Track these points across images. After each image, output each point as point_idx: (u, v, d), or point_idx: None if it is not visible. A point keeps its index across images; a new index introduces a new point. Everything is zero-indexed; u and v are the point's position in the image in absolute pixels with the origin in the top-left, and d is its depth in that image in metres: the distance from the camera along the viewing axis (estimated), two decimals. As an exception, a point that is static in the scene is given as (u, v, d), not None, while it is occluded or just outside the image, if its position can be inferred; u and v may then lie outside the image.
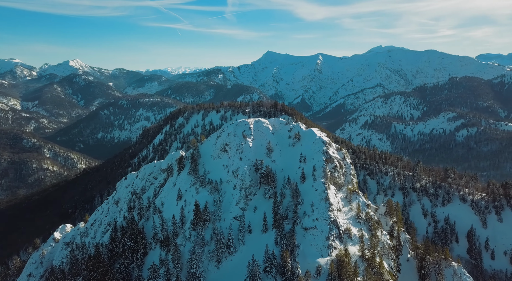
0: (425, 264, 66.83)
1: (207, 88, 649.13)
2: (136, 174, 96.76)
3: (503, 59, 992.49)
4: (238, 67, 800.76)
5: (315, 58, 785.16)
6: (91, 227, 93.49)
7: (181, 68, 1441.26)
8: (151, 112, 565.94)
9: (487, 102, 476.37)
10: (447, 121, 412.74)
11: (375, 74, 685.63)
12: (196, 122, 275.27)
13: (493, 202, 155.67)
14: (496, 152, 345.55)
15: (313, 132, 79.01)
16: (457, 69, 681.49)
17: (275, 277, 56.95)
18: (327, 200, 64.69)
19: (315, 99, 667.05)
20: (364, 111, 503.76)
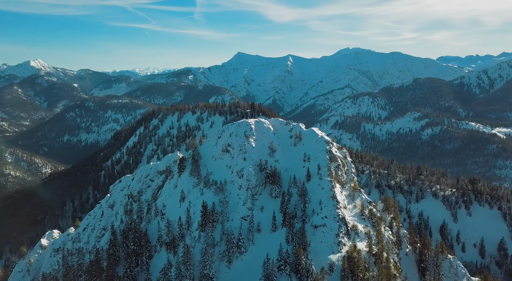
0: (424, 258, 70.52)
1: (177, 89, 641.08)
2: (132, 176, 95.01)
3: (461, 61, 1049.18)
4: (209, 68, 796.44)
5: (285, 59, 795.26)
6: (83, 232, 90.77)
7: (150, 69, 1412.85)
8: (120, 114, 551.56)
9: (448, 102, 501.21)
10: (413, 120, 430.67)
11: (344, 76, 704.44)
12: (171, 123, 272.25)
13: (463, 197, 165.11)
14: (458, 150, 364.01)
15: (314, 132, 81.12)
16: (420, 71, 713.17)
17: (290, 275, 58.22)
18: (335, 198, 66.94)
19: (286, 100, 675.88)
20: (334, 112, 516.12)
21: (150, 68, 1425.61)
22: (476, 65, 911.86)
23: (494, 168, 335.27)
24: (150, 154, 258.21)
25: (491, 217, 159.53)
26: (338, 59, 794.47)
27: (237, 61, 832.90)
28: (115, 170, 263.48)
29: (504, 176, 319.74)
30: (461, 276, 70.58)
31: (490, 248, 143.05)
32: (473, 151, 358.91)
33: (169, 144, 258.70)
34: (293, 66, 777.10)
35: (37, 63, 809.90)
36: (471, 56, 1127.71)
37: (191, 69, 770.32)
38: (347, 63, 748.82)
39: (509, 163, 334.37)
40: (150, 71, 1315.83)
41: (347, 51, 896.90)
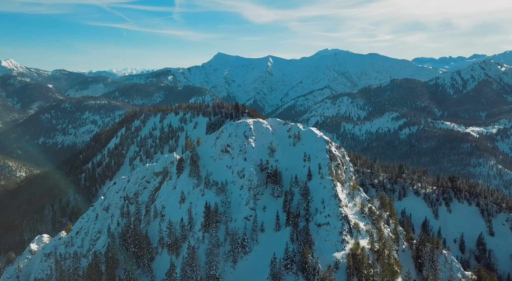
0: (421, 254, 72.73)
1: (157, 89, 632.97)
2: (128, 178, 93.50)
3: (435, 62, 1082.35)
4: (189, 69, 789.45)
5: (266, 60, 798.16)
6: (77, 236, 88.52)
7: (127, 69, 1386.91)
8: (98, 115, 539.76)
9: (424, 102, 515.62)
10: (391, 120, 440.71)
11: (323, 76, 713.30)
12: (153, 124, 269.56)
13: (443, 195, 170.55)
14: (434, 149, 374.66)
15: (312, 132, 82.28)
16: (397, 72, 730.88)
17: (296, 273, 58.90)
18: (337, 196, 68.20)
19: (267, 101, 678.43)
20: (314, 112, 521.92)
21: (128, 69, 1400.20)
22: (450, 66, 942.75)
23: (468, 166, 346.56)
24: (132, 155, 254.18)
25: (470, 213, 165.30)
26: (318, 60, 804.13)
27: (217, 61, 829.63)
28: (96, 172, 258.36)
29: (478, 173, 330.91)
30: (456, 270, 73.41)
31: (470, 244, 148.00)
32: (448, 149, 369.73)
33: (152, 145, 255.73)
34: (273, 67, 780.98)
35: (9, 63, 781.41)
36: (445, 58, 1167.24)
37: (170, 69, 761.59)
38: (326, 64, 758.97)
39: (482, 161, 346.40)
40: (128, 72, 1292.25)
41: (326, 52, 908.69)
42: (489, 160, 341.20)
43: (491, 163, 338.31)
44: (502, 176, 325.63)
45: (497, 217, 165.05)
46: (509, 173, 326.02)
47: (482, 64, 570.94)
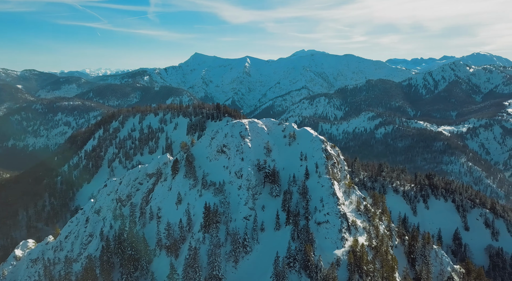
0: (413, 249, 75.10)
1: (133, 90, 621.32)
2: (119, 180, 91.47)
3: (407, 63, 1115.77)
4: (165, 69, 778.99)
5: (243, 60, 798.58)
6: (66, 240, 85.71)
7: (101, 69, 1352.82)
8: (71, 116, 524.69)
9: (398, 102, 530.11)
10: (367, 120, 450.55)
11: (301, 77, 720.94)
12: (132, 125, 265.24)
13: (421, 192, 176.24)
14: (409, 147, 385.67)
15: (307, 131, 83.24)
16: (372, 72, 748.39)
17: (299, 271, 59.49)
18: (335, 195, 69.36)
19: (245, 101, 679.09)
20: (292, 113, 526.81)
21: (102, 69, 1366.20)
22: (421, 67, 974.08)
23: (441, 164, 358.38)
24: (111, 157, 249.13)
25: (446, 210, 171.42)
26: (295, 61, 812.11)
27: (194, 61, 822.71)
28: (73, 175, 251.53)
29: (450, 171, 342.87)
30: (446, 264, 76.31)
31: (447, 239, 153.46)
32: (422, 148, 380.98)
33: (131, 147, 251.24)
34: (251, 68, 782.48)
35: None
36: (416, 59, 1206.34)
37: (146, 69, 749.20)
38: (303, 65, 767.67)
39: (454, 159, 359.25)
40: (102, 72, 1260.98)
41: (303, 53, 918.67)
42: (460, 158, 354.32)
43: (462, 161, 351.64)
44: (472, 173, 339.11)
45: (471, 212, 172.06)
46: (478, 170, 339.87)
47: (452, 66, 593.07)
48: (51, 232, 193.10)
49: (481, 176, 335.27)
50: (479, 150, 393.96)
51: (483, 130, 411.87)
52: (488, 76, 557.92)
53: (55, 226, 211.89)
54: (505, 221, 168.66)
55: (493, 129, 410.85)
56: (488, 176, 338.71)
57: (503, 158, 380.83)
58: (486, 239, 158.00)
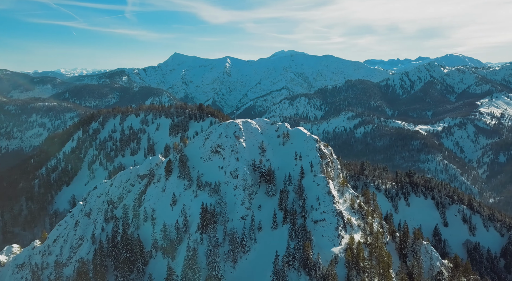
0: (405, 246, 77.00)
1: (111, 91, 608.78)
2: (110, 182, 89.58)
3: (384, 64, 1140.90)
4: (144, 69, 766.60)
5: (223, 61, 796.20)
6: (54, 244, 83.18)
7: (77, 69, 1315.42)
8: (47, 118, 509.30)
9: (377, 102, 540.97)
10: (347, 120, 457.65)
11: (281, 77, 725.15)
12: (113, 127, 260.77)
13: (401, 189, 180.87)
14: (388, 146, 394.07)
15: (301, 131, 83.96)
16: (351, 73, 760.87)
17: (298, 270, 59.97)
18: (330, 193, 70.30)
19: (226, 102, 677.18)
20: (273, 113, 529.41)
21: (77, 69, 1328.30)
22: (398, 68, 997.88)
23: (418, 162, 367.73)
24: (91, 159, 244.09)
25: (426, 206, 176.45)
26: (275, 61, 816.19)
27: (173, 62, 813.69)
28: (51, 178, 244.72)
29: (427, 169, 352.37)
30: (435, 259, 78.73)
31: (427, 235, 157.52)
32: (400, 147, 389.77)
33: (112, 148, 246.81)
34: (231, 68, 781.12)
35: None
36: (393, 60, 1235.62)
37: (124, 70, 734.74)
38: (283, 65, 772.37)
39: (430, 157, 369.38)
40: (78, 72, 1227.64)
41: (283, 53, 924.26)
42: (436, 156, 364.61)
43: (438, 159, 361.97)
44: (448, 170, 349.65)
45: (450, 209, 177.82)
46: (454, 168, 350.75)
47: (427, 66, 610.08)
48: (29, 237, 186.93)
49: (456, 173, 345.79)
50: (454, 148, 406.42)
51: (457, 129, 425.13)
52: (461, 76, 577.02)
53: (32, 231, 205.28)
54: (481, 217, 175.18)
55: (466, 128, 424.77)
56: (463, 174, 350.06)
57: (476, 156, 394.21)
58: (464, 234, 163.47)
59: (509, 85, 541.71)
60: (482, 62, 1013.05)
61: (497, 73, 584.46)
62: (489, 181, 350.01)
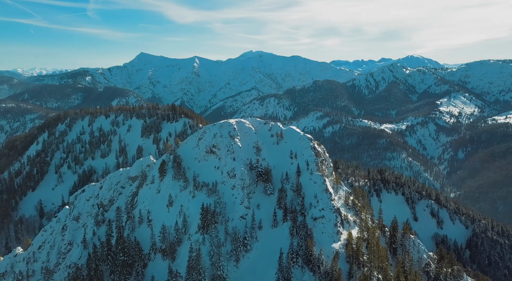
0: (395, 239, 79.87)
1: (74, 91, 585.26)
2: (100, 184, 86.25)
3: (350, 65, 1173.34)
4: (109, 69, 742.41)
5: (192, 61, 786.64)
6: (40, 250, 78.88)
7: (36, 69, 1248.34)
8: (4, 120, 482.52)
9: (344, 102, 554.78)
10: (315, 119, 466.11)
11: (250, 78, 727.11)
12: (81, 128, 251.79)
13: (374, 186, 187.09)
14: (355, 145, 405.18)
15: (294, 130, 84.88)
16: (318, 73, 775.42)
17: (302, 266, 60.73)
18: (328, 191, 71.68)
19: (195, 102, 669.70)
20: (243, 113, 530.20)
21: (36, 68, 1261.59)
22: (362, 69, 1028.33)
23: (385, 160, 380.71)
24: (58, 163, 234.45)
25: (397, 202, 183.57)
26: (244, 61, 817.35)
27: (140, 61, 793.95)
28: (15, 183, 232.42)
29: (393, 166, 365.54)
30: (422, 252, 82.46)
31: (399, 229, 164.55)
32: (367, 145, 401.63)
33: (81, 151, 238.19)
34: (199, 68, 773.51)
35: None
36: (358, 61, 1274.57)
37: (88, 69, 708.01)
38: (252, 66, 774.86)
39: (396, 154, 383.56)
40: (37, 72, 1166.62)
41: (251, 54, 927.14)
42: (401, 154, 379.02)
43: (403, 156, 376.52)
44: (412, 167, 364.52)
45: (419, 204, 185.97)
46: (417, 165, 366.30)
47: (391, 67, 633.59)
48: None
49: (419, 170, 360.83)
50: (417, 146, 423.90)
51: (419, 128, 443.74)
52: (422, 77, 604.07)
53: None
54: (448, 211, 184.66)
55: (428, 126, 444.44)
56: (426, 170, 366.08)
57: (437, 153, 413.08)
58: (432, 228, 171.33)
59: (465, 85, 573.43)
60: (440, 64, 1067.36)
61: (454, 74, 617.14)
62: (450, 177, 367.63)
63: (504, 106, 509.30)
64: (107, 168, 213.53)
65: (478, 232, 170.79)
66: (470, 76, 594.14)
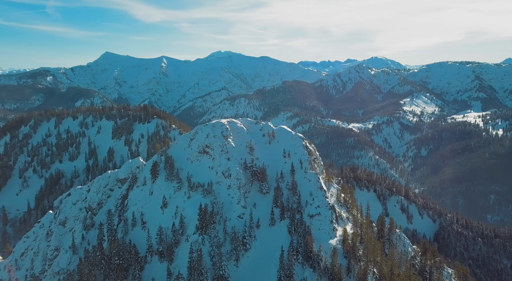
0: (382, 234, 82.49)
1: (34, 92, 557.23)
2: (87, 187, 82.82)
3: (317, 66, 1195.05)
4: (72, 69, 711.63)
5: (159, 60, 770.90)
6: (22, 257, 74.47)
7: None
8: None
9: (312, 102, 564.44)
10: (286, 119, 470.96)
11: (219, 78, 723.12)
12: (47, 131, 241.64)
13: (347, 184, 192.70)
14: (324, 144, 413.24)
15: (285, 130, 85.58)
16: (287, 74, 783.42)
17: (303, 263, 61.48)
18: (322, 188, 72.96)
19: (163, 102, 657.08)
20: (214, 113, 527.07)
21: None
22: (329, 70, 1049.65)
23: (353, 158, 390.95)
24: (23, 167, 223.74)
25: (369, 199, 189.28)
26: (213, 62, 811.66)
27: (105, 61, 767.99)
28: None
29: (361, 164, 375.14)
30: (407, 245, 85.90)
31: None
32: (336, 144, 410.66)
33: (47, 154, 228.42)
34: (167, 68, 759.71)
35: None
36: (324, 62, 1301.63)
37: (49, 69, 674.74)
38: (221, 66, 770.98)
39: (363, 153, 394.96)
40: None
41: (220, 54, 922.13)
42: (368, 152, 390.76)
43: (370, 155, 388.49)
44: (379, 165, 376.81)
45: (390, 200, 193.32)
46: (384, 163, 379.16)
47: (357, 68, 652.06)
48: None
49: (386, 167, 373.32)
50: (383, 144, 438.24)
51: (385, 126, 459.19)
52: (386, 78, 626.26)
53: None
54: (417, 206, 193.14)
55: (393, 125, 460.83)
56: (392, 167, 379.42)
57: (402, 151, 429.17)
58: (403, 223, 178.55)
59: (426, 86, 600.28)
60: (402, 65, 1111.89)
61: (416, 74, 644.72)
62: (414, 174, 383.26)
63: (461, 105, 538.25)
64: (76, 171, 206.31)
65: (445, 225, 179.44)
66: (430, 77, 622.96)
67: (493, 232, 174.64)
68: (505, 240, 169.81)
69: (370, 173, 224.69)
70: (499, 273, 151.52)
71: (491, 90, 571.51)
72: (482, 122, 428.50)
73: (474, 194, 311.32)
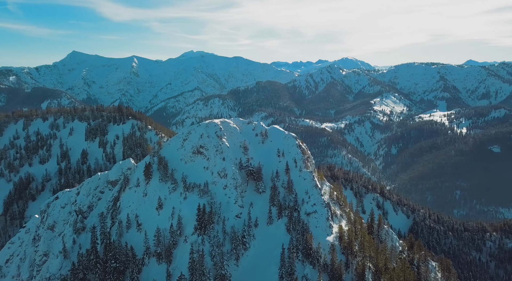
0: (372, 230, 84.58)
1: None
2: (76, 190, 79.61)
3: (289, 66, 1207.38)
4: (37, 68, 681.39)
5: (130, 60, 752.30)
6: (7, 264, 70.53)
7: None
8: None
9: (286, 102, 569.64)
10: (261, 119, 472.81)
11: (192, 78, 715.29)
12: (15, 133, 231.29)
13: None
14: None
15: (278, 129, 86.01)
16: (260, 74, 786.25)
17: (302, 260, 62.03)
18: (317, 186, 73.86)
19: (135, 103, 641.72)
20: (187, 114, 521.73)
21: None
22: (301, 70, 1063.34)
23: (327, 157, 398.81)
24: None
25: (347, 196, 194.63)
26: (185, 61, 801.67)
27: (72, 60, 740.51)
28: None
29: (334, 163, 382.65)
30: (395, 241, 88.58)
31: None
32: (310, 144, 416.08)
33: (16, 157, 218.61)
34: (139, 68, 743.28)
35: None
36: (297, 62, 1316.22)
37: (12, 68, 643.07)
38: (194, 66, 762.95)
39: (337, 152, 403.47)
40: None
41: (193, 54, 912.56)
42: (341, 151, 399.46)
43: (343, 153, 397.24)
44: (352, 163, 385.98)
45: (366, 197, 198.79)
46: (356, 161, 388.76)
47: (329, 69, 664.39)
48: None
49: (358, 166, 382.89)
50: (356, 143, 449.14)
51: (357, 126, 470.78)
52: (357, 78, 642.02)
53: None
54: (392, 202, 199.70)
55: (364, 124, 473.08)
56: (364, 166, 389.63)
57: (373, 149, 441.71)
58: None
59: (395, 86, 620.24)
60: (372, 66, 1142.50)
61: (385, 75, 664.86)
62: (385, 171, 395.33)
63: (428, 105, 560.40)
64: (47, 174, 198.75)
65: (418, 220, 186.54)
66: (398, 78, 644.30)
67: (462, 226, 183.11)
68: (473, 234, 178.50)
69: (347, 172, 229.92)
70: (468, 265, 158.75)
71: (455, 90, 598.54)
72: (448, 121, 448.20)
73: (442, 190, 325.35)
